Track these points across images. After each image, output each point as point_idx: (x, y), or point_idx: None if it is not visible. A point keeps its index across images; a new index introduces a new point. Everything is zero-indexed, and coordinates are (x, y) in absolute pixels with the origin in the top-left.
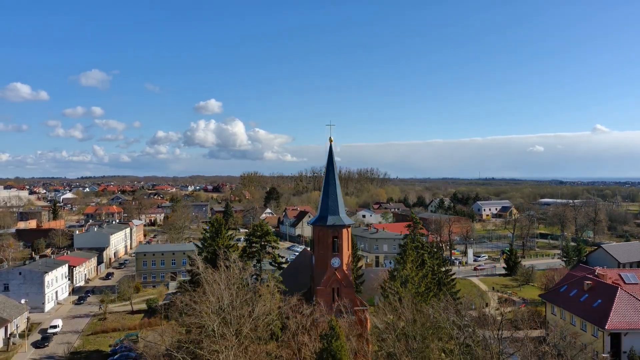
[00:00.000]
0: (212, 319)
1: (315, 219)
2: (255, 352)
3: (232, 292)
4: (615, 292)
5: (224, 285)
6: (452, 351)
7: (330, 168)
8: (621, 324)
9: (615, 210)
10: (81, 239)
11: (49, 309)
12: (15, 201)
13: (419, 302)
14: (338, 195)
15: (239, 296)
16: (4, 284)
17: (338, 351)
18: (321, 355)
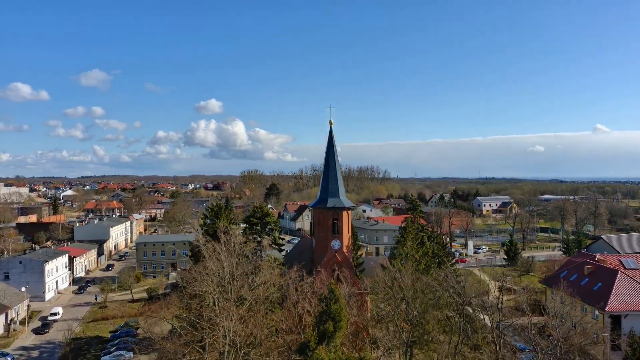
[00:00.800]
0: (212, 288)
1: (316, 202)
2: (256, 322)
3: (232, 262)
4: (616, 275)
5: (224, 255)
6: (450, 320)
7: (331, 151)
8: (621, 306)
9: (615, 206)
10: (81, 231)
11: (49, 298)
12: (15, 197)
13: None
14: (338, 178)
15: (240, 266)
16: (4, 272)
17: (337, 313)
18: (320, 317)
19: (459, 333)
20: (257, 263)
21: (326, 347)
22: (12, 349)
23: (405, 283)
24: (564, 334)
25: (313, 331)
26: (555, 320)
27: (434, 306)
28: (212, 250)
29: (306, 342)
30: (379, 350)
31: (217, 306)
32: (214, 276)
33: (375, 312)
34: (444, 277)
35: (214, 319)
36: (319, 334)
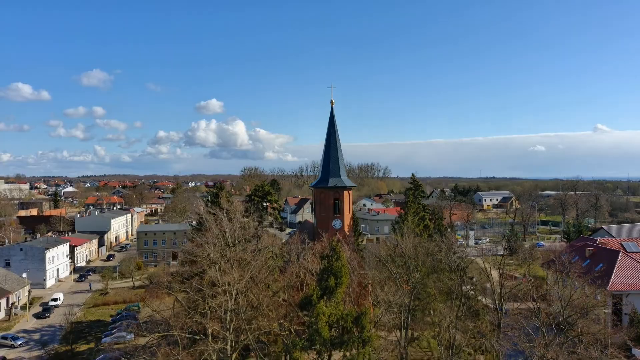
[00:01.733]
0: (214, 251)
1: (317, 181)
2: (258, 290)
3: (233, 228)
4: (617, 256)
5: (225, 220)
6: (451, 282)
7: (332, 131)
8: (623, 286)
9: (616, 200)
10: (82, 223)
11: (50, 286)
12: (16, 193)
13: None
14: (339, 158)
15: (242, 230)
16: (5, 259)
17: (338, 270)
18: (322, 274)
19: (460, 298)
20: (259, 232)
21: (327, 301)
22: (13, 332)
23: (407, 247)
24: (564, 299)
25: (315, 287)
26: (557, 288)
27: (434, 270)
28: (214, 218)
29: (308, 297)
30: (381, 309)
31: (218, 270)
32: (216, 240)
33: (377, 275)
34: (445, 241)
35: (216, 281)
36: (321, 289)
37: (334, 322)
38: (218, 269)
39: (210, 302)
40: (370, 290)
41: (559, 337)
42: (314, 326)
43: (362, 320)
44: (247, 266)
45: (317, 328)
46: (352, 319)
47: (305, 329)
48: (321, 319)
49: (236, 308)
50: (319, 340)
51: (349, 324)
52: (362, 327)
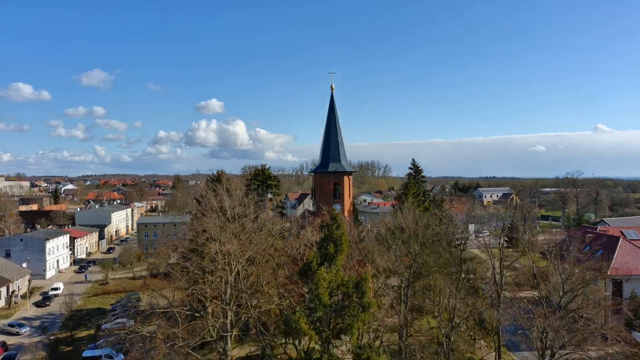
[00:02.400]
0: (214, 224)
1: (317, 167)
2: (259, 264)
3: (233, 202)
4: (617, 242)
5: (225, 195)
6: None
7: (332, 116)
8: (623, 271)
9: (616, 196)
10: (82, 216)
11: (50, 276)
12: (16, 190)
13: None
14: (340, 143)
15: (242, 208)
16: (6, 250)
17: (339, 238)
18: (322, 242)
19: (459, 272)
20: (258, 208)
21: (327, 268)
22: (14, 319)
23: (407, 220)
24: (564, 272)
25: (315, 255)
26: (557, 262)
27: (434, 243)
28: (215, 194)
29: (308, 264)
30: (380, 279)
31: (219, 243)
32: (216, 214)
33: (377, 249)
34: (445, 215)
35: (216, 255)
36: (321, 257)
37: (334, 288)
38: (218, 243)
39: (210, 278)
40: (370, 261)
41: (559, 310)
42: (314, 292)
43: (362, 286)
44: (247, 239)
45: (317, 293)
46: (352, 285)
47: (305, 301)
48: (321, 284)
49: (236, 285)
50: (318, 306)
51: (350, 289)
52: (362, 293)
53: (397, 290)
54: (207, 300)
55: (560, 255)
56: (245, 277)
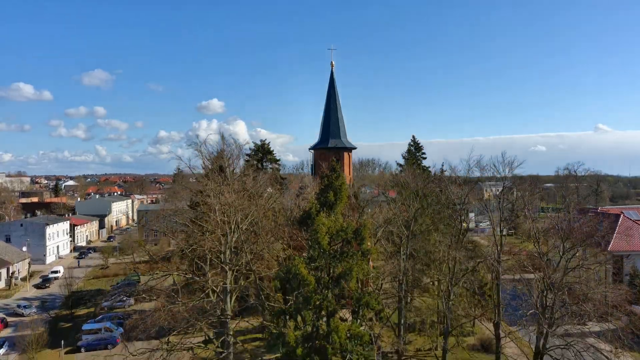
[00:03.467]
0: (214, 184)
1: (316, 143)
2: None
3: (234, 183)
4: (618, 219)
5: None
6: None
7: (332, 92)
8: (623, 247)
9: (617, 190)
10: (83, 206)
11: (50, 262)
12: (17, 185)
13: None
14: (340, 119)
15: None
16: (6, 235)
17: (338, 187)
18: (321, 192)
19: (459, 232)
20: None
21: (327, 215)
22: (14, 299)
23: (406, 176)
24: (565, 229)
25: (314, 202)
26: (558, 222)
27: (434, 213)
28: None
29: (308, 211)
30: (381, 230)
31: (218, 221)
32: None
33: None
34: (444, 178)
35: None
36: (320, 204)
37: (334, 234)
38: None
39: (210, 236)
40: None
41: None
42: (314, 237)
43: (361, 233)
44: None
45: (317, 238)
46: (351, 231)
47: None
48: (321, 229)
49: (236, 248)
50: (318, 251)
51: (349, 235)
52: (361, 239)
53: (397, 242)
54: (206, 264)
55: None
56: (245, 238)
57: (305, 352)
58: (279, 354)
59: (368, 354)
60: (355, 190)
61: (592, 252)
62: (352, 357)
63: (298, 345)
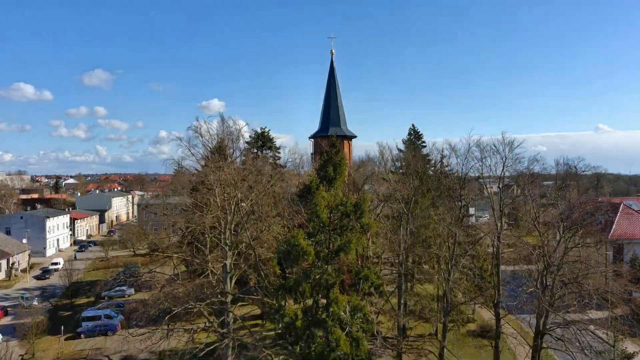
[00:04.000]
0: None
1: (316, 131)
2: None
3: (234, 163)
4: (618, 208)
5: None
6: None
7: (332, 80)
8: (623, 234)
9: (618, 187)
10: (83, 201)
11: (50, 255)
12: (17, 182)
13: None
14: (340, 107)
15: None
16: (6, 227)
17: (338, 162)
18: (321, 167)
19: (460, 211)
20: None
21: (327, 189)
22: (14, 289)
23: (407, 156)
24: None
25: (314, 177)
26: (558, 200)
27: (434, 191)
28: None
29: (307, 186)
30: (382, 205)
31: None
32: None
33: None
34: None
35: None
36: (320, 179)
37: (333, 207)
38: (217, 177)
39: (209, 216)
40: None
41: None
42: (313, 210)
43: (361, 206)
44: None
45: (317, 212)
46: (351, 205)
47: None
48: (320, 202)
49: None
50: (317, 225)
51: (348, 208)
52: (361, 213)
53: (398, 218)
54: (206, 247)
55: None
56: (245, 217)
57: (305, 325)
58: (278, 328)
59: (368, 327)
60: (355, 179)
61: (592, 230)
62: (351, 329)
63: (298, 318)
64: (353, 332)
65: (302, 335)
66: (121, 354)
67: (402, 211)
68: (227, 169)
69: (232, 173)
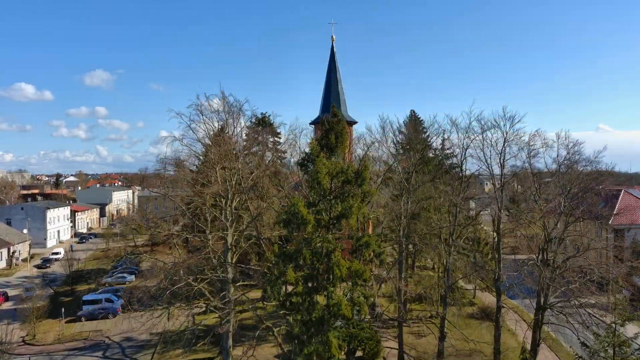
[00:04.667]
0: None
1: (316, 118)
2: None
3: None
4: (620, 194)
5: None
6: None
7: (332, 66)
8: (624, 220)
9: (618, 183)
10: (84, 195)
11: (51, 246)
12: (17, 179)
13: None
14: (340, 92)
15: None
16: (7, 218)
17: (339, 131)
18: (322, 136)
19: (459, 189)
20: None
21: (327, 156)
22: (15, 277)
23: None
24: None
25: (315, 145)
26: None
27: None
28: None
29: (308, 154)
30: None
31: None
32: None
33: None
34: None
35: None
36: (321, 147)
37: (335, 174)
38: (218, 150)
39: (211, 190)
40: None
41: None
42: (315, 177)
43: (362, 174)
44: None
45: (318, 178)
46: (352, 172)
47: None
48: (322, 169)
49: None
50: (318, 191)
51: (349, 176)
52: (362, 180)
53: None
54: (207, 226)
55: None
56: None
57: (306, 292)
58: (279, 296)
59: (368, 292)
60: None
61: (594, 202)
62: (352, 295)
63: (299, 283)
64: (354, 297)
65: (303, 302)
66: (122, 335)
67: (402, 185)
68: (227, 144)
69: (232, 147)
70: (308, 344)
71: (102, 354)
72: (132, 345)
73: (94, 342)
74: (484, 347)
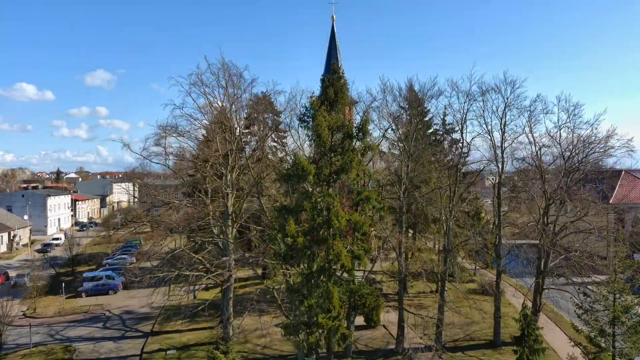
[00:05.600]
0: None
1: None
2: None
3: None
4: (620, 174)
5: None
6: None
7: (333, 46)
8: (624, 199)
9: None
10: (84, 186)
11: (52, 233)
12: (18, 175)
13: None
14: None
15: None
16: (7, 206)
17: (339, 87)
18: (322, 92)
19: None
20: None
21: (327, 111)
22: (16, 260)
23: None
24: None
25: (315, 99)
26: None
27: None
28: None
29: (307, 108)
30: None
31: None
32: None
33: None
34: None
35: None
36: (321, 101)
37: (335, 128)
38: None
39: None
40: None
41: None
42: (315, 131)
43: (363, 128)
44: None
45: (318, 132)
46: (353, 126)
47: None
48: (321, 122)
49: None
50: (318, 144)
51: (350, 130)
52: (363, 134)
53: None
54: (207, 197)
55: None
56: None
57: (307, 244)
58: (280, 248)
59: (368, 246)
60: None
61: (592, 171)
62: (352, 247)
63: (299, 235)
64: (354, 250)
65: (304, 255)
66: (122, 308)
67: (402, 150)
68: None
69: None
70: (309, 296)
71: (102, 324)
72: (132, 318)
73: (94, 315)
74: (484, 317)
